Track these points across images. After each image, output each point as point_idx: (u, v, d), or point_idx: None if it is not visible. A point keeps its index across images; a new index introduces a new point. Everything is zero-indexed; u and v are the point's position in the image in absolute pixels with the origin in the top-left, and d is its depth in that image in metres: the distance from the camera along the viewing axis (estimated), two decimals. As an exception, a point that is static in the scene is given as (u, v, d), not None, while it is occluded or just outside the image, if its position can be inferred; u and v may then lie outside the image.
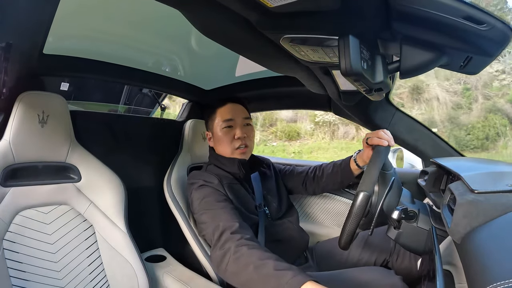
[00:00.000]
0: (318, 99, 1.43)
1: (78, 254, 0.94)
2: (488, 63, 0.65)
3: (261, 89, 1.49)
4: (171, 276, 1.05)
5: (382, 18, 0.59)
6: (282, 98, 1.60)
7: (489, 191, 0.64)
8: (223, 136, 1.15)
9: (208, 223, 0.98)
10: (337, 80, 1.04)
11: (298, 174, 1.33)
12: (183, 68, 1.38)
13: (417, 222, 0.94)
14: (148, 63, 1.30)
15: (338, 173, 1.23)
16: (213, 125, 1.18)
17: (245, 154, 1.17)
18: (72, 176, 1.01)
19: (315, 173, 1.30)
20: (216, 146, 1.18)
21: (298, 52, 0.77)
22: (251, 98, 1.50)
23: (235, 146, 1.14)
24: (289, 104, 1.69)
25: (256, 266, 0.79)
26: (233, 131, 1.15)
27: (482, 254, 0.50)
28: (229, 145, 1.14)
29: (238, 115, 1.17)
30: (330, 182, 1.26)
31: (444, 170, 1.09)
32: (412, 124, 1.31)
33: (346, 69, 0.59)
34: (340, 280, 0.69)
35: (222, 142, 1.15)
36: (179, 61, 1.34)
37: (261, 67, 0.90)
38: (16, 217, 0.87)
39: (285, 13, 0.61)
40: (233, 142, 1.15)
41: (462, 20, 0.52)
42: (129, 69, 1.27)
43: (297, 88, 1.25)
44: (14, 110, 0.90)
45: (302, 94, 1.41)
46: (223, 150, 1.16)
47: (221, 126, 1.15)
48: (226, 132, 1.15)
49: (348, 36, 0.58)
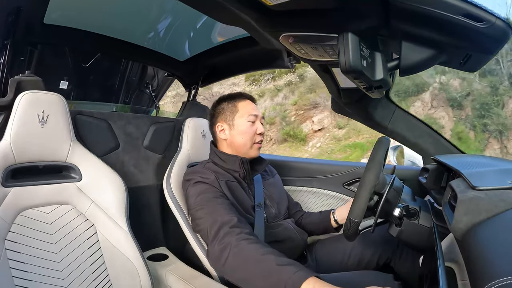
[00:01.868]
0: (273, 57, 1.45)
1: (80, 253, 0.94)
2: (488, 60, 0.66)
3: (228, 53, 1.52)
4: (173, 274, 1.05)
5: (382, 15, 0.58)
6: (246, 60, 1.59)
7: (490, 188, 0.64)
8: (248, 129, 1.16)
9: (204, 218, 0.97)
10: (337, 77, 1.05)
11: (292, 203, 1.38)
12: (158, 39, 1.50)
13: (419, 219, 0.94)
14: (132, 33, 1.42)
15: (321, 225, 1.27)
16: (233, 117, 1.18)
17: (260, 150, 1.20)
18: (73, 176, 1.01)
19: (301, 218, 1.33)
20: (234, 138, 1.17)
21: (298, 50, 0.77)
22: (220, 64, 1.62)
23: (256, 140, 1.17)
24: (252, 65, 1.69)
25: (257, 261, 0.78)
26: (255, 126, 1.17)
27: (483, 251, 0.50)
28: (251, 138, 1.16)
29: (259, 113, 1.20)
30: (313, 229, 1.29)
31: (445, 167, 1.09)
32: (412, 122, 1.30)
33: (346, 67, 0.59)
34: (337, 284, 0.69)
35: (245, 134, 1.16)
36: (154, 31, 1.45)
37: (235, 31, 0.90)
38: (17, 217, 0.87)
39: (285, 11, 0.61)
40: (255, 136, 1.17)
41: (461, 17, 0.52)
42: (115, 40, 1.38)
43: (256, 47, 1.34)
44: (14, 110, 0.90)
45: (259, 52, 1.43)
46: (243, 142, 1.16)
47: (247, 119, 1.16)
48: (250, 126, 1.16)
49: (348, 34, 0.58)
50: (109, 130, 1.24)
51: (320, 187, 1.59)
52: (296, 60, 1.37)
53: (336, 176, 1.57)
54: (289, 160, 1.73)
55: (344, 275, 1.04)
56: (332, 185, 1.57)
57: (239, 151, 1.16)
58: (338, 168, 1.57)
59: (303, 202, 1.60)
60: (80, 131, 1.13)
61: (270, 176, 1.32)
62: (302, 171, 1.63)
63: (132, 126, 1.31)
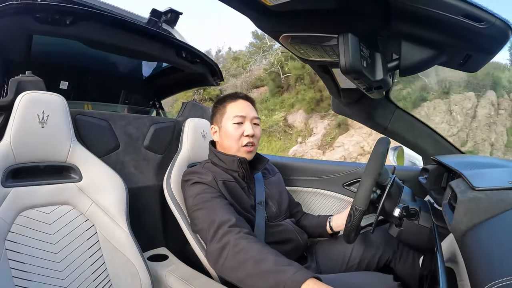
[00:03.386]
0: (201, 78, 1.76)
1: (80, 253, 0.94)
2: (488, 60, 0.66)
3: (169, 76, 1.95)
4: (174, 275, 1.05)
5: (382, 16, 0.59)
6: (182, 80, 1.97)
7: (490, 188, 0.64)
8: (232, 131, 1.12)
9: (202, 218, 0.96)
10: (337, 78, 1.05)
11: (293, 203, 1.37)
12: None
13: (419, 220, 0.94)
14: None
15: (317, 229, 1.27)
16: (222, 119, 1.16)
17: (251, 153, 1.15)
18: (73, 176, 1.01)
19: (300, 220, 1.33)
20: (222, 141, 1.16)
21: (298, 50, 0.77)
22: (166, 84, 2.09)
23: (242, 143, 1.12)
24: (186, 85, 2.07)
25: (256, 261, 0.77)
26: (243, 127, 1.13)
27: (483, 251, 0.50)
28: (237, 141, 1.12)
29: (249, 113, 1.16)
30: (310, 232, 1.28)
31: (445, 168, 1.09)
32: (412, 122, 1.30)
33: (346, 67, 0.59)
34: (337, 285, 0.68)
35: (230, 137, 1.13)
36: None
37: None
38: (18, 217, 0.87)
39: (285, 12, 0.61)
40: (241, 138, 1.12)
41: (461, 18, 0.52)
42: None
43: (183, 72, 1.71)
44: (14, 111, 0.90)
45: (190, 75, 1.78)
46: (229, 145, 1.14)
47: (232, 121, 1.13)
48: (236, 128, 1.13)
49: (348, 34, 0.58)
50: (110, 130, 1.24)
51: (320, 188, 1.59)
52: (220, 78, 1.79)
53: (336, 177, 1.56)
54: (289, 160, 1.74)
55: (344, 276, 1.03)
56: (332, 185, 1.57)
57: (230, 153, 1.14)
58: (338, 168, 1.57)
59: (303, 202, 1.60)
60: (81, 132, 1.13)
61: (271, 175, 1.31)
62: (302, 171, 1.63)
63: (132, 126, 1.31)
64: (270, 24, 0.67)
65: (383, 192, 0.92)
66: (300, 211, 1.36)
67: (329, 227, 1.23)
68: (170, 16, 1.76)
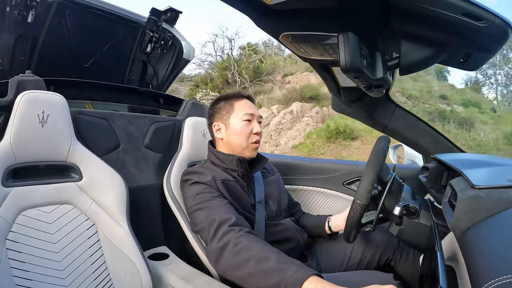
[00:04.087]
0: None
1: (81, 253, 0.95)
2: (488, 59, 0.66)
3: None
4: (174, 273, 1.05)
5: (382, 15, 0.59)
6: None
7: (490, 186, 0.64)
8: (242, 128, 1.14)
9: (202, 218, 0.96)
10: (337, 76, 1.05)
11: (292, 203, 1.37)
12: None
13: (419, 218, 0.94)
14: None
15: (316, 229, 1.26)
16: (229, 116, 1.16)
17: (256, 150, 1.18)
18: (73, 175, 1.01)
19: (299, 219, 1.32)
20: (229, 137, 1.16)
21: (298, 49, 0.77)
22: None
23: (252, 140, 1.15)
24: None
25: (258, 260, 0.77)
26: (252, 125, 1.16)
27: (483, 250, 0.50)
28: (247, 138, 1.14)
29: (256, 112, 1.18)
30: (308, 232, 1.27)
31: (445, 166, 1.09)
32: (412, 121, 1.30)
33: (346, 66, 0.59)
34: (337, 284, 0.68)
35: (240, 134, 1.14)
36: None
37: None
38: (18, 217, 0.87)
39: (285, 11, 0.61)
40: (250, 136, 1.15)
41: (461, 16, 0.52)
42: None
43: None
44: (14, 110, 0.90)
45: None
46: (238, 142, 1.14)
47: (242, 118, 1.14)
48: (246, 125, 1.14)
49: (348, 33, 0.58)
50: (110, 129, 1.24)
51: (320, 186, 1.59)
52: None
53: (336, 175, 1.57)
54: (289, 159, 1.73)
55: (345, 275, 1.03)
56: (332, 184, 1.57)
57: (235, 150, 1.15)
58: (339, 167, 1.58)
59: (303, 201, 1.60)
60: (81, 131, 1.13)
61: (270, 174, 1.31)
62: (302, 170, 1.63)
63: (132, 125, 1.31)
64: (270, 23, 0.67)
65: (384, 189, 0.92)
66: (299, 211, 1.36)
67: (328, 227, 1.22)
68: (170, 15, 1.76)
